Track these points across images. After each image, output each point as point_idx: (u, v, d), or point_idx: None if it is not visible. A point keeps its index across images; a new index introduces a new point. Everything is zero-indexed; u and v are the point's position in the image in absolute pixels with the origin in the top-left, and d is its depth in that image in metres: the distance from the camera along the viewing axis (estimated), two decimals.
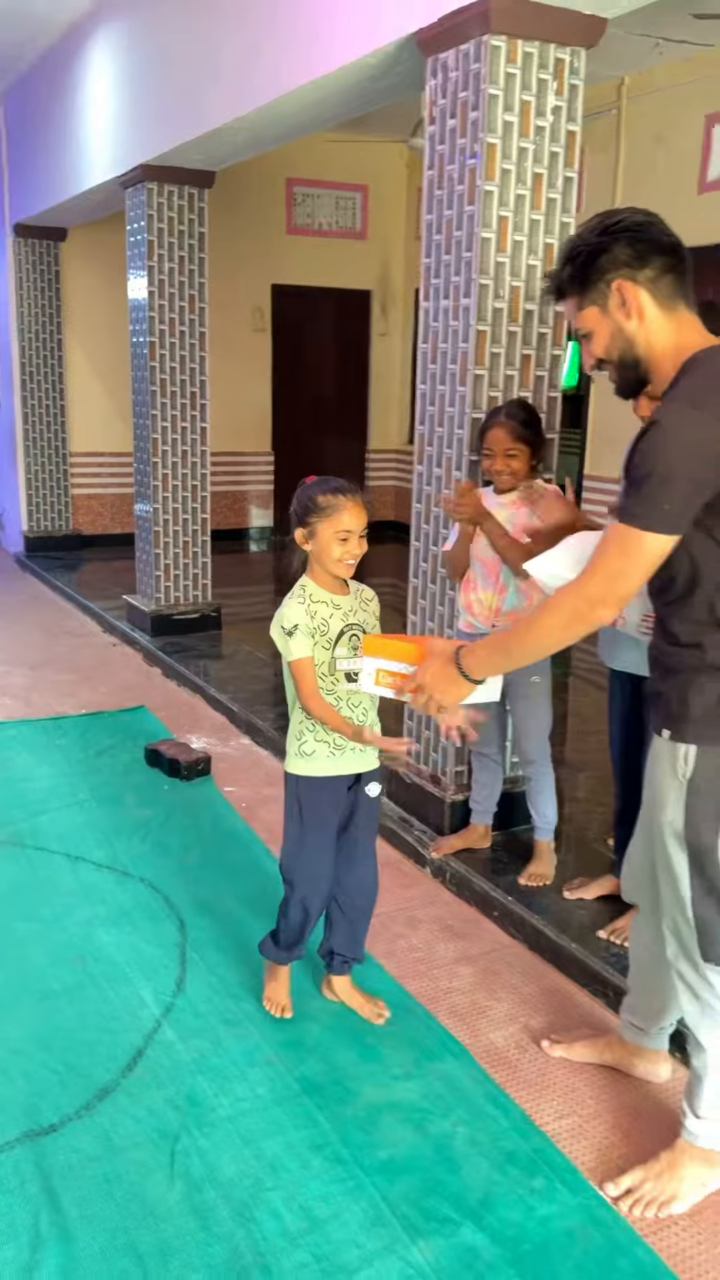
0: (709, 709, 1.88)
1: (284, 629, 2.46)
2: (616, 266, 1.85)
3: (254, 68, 4.39)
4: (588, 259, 1.87)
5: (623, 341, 1.90)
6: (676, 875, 1.98)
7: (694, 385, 1.78)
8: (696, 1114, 2.12)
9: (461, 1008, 2.82)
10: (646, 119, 6.99)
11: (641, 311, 1.86)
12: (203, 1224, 2.09)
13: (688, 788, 1.92)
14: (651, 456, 1.75)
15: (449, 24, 3.17)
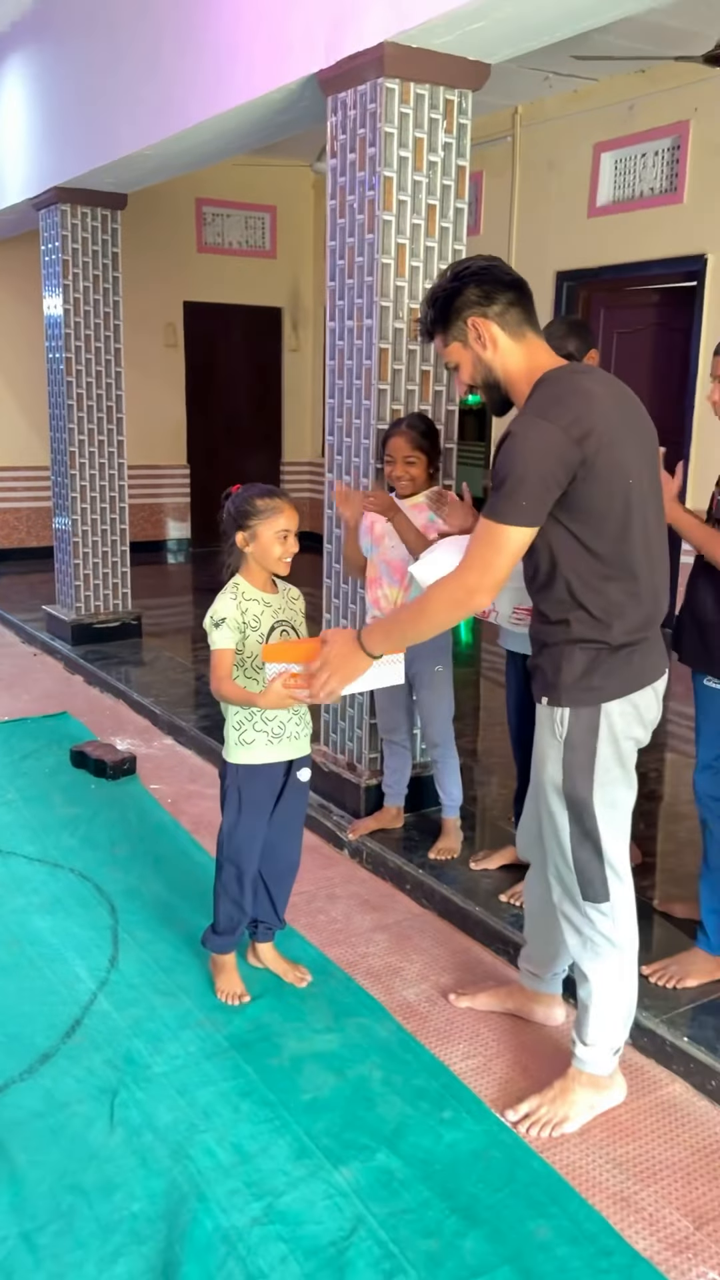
0: (577, 676, 2.17)
1: (213, 620, 2.68)
2: (469, 306, 2.15)
3: (164, 98, 4.61)
4: (445, 302, 2.17)
5: (483, 368, 2.20)
6: (558, 826, 2.26)
7: (542, 400, 2.08)
8: (584, 1041, 2.39)
9: (377, 970, 3.06)
10: (539, 146, 7.38)
11: (494, 341, 2.16)
12: (142, 1162, 2.29)
13: (564, 746, 2.20)
14: (508, 461, 2.04)
15: (347, 66, 3.44)
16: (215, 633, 2.67)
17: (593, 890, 2.27)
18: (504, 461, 2.05)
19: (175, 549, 9.81)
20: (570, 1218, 2.16)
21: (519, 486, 2.02)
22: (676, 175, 6.53)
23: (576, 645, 2.17)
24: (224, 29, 4.10)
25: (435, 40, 3.27)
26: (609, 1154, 2.35)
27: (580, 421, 2.04)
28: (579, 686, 2.18)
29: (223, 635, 2.67)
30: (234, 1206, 2.17)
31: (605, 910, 2.29)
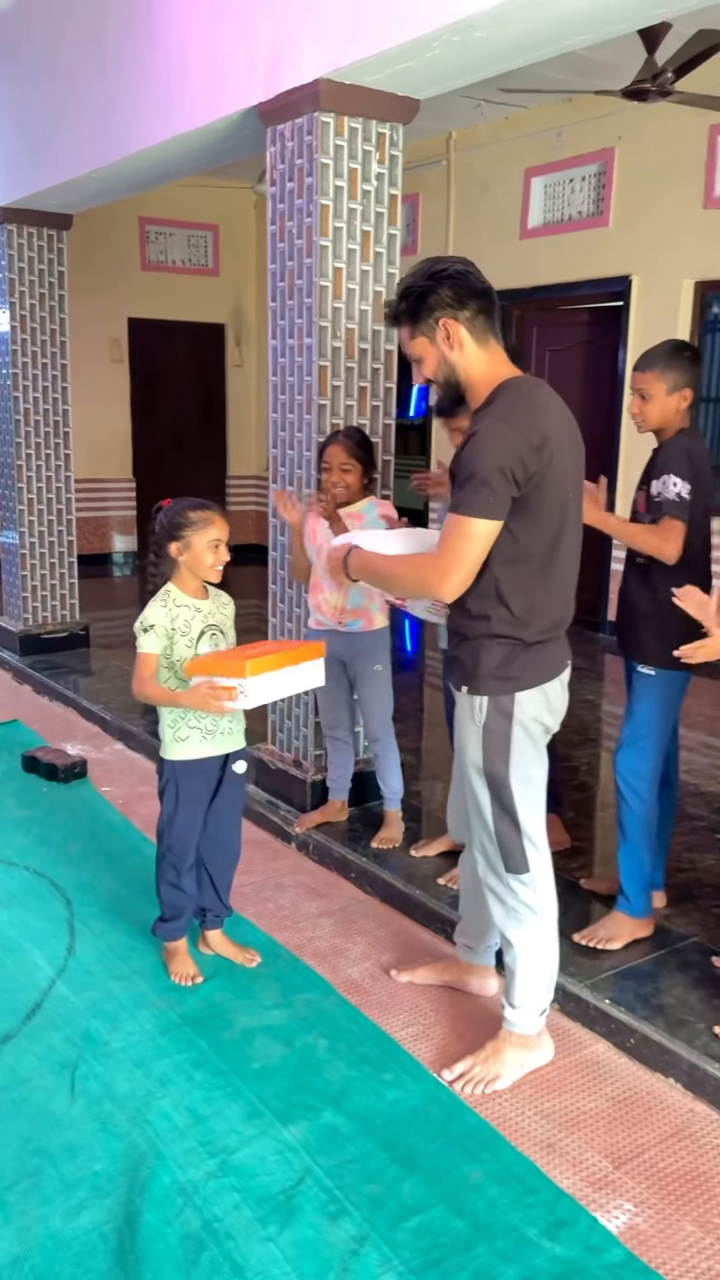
0: (494, 668, 2.38)
1: (142, 625, 2.85)
2: (442, 306, 2.32)
3: (109, 124, 4.79)
4: (419, 298, 2.34)
5: (446, 367, 2.38)
6: (480, 803, 2.46)
7: (505, 405, 2.28)
8: (513, 1004, 2.59)
9: (323, 951, 3.24)
10: (473, 170, 7.67)
11: (461, 344, 2.35)
12: (103, 1127, 2.44)
13: (483, 730, 2.41)
14: (474, 459, 2.23)
15: (285, 100, 3.64)
16: (142, 637, 2.85)
17: (514, 862, 2.47)
18: (470, 459, 2.23)
19: (121, 561, 9.91)
20: (500, 1162, 2.35)
21: (486, 482, 2.21)
22: (603, 200, 6.85)
23: (495, 640, 2.37)
24: (169, 59, 4.29)
25: (367, 77, 3.49)
26: (537, 1106, 2.55)
27: (538, 429, 2.26)
28: (495, 677, 2.38)
29: (149, 640, 2.84)
30: (190, 1163, 2.33)
31: (526, 880, 2.50)
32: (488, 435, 2.24)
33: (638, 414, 2.92)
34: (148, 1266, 2.05)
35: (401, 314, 2.38)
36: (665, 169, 6.41)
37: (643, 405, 2.93)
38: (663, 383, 2.89)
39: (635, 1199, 2.27)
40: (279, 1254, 2.09)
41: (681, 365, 2.90)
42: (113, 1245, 2.11)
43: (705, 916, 3.26)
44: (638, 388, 2.93)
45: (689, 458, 2.85)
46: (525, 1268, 2.08)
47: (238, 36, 3.85)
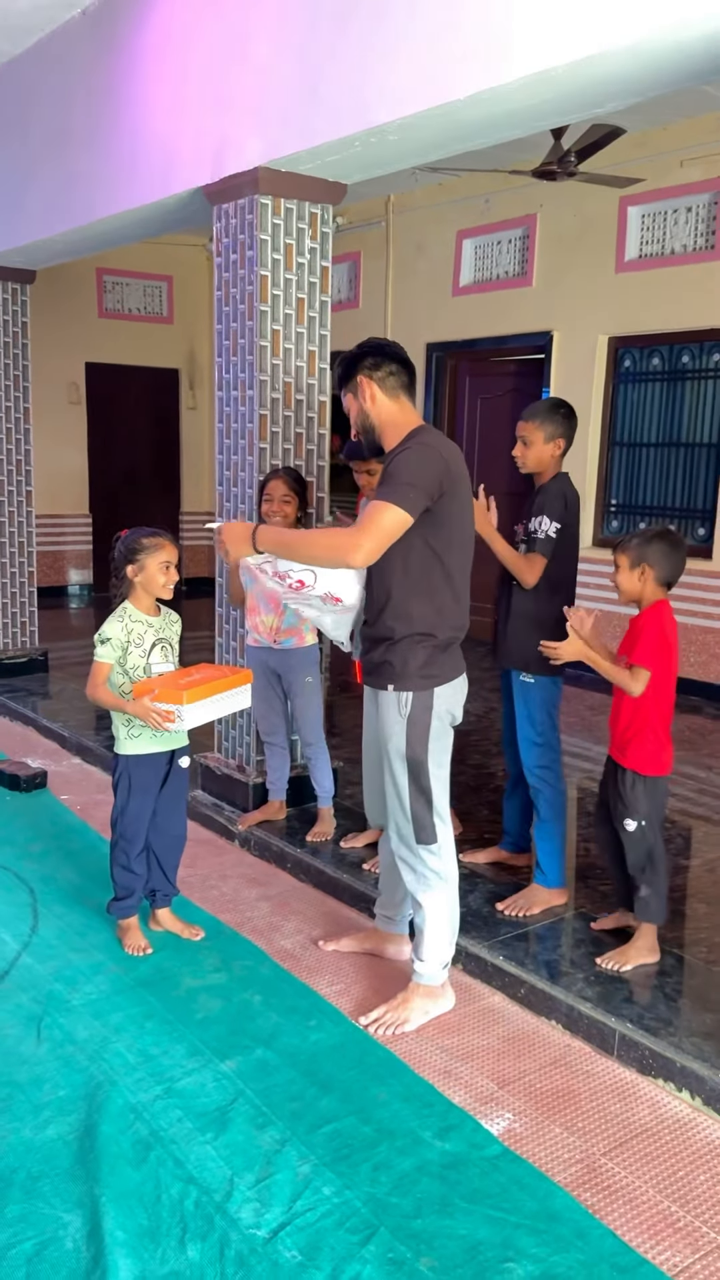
0: (418, 667, 2.87)
1: (100, 637, 3.30)
2: (362, 369, 2.89)
3: (70, 194, 5.28)
4: (347, 364, 2.91)
5: (363, 416, 2.93)
6: (400, 786, 2.93)
7: (425, 437, 2.84)
8: (421, 958, 3.05)
9: (260, 927, 3.67)
10: (409, 231, 8.28)
11: (374, 398, 2.90)
12: (64, 1064, 2.85)
13: (407, 721, 2.89)
14: (401, 464, 2.76)
15: (228, 184, 4.16)
16: (100, 648, 3.30)
17: (425, 834, 2.95)
18: (397, 465, 2.75)
19: (77, 593, 10.30)
20: (403, 1084, 2.79)
21: (409, 481, 2.72)
22: (527, 261, 7.47)
23: (417, 642, 2.86)
24: (127, 140, 4.81)
25: (301, 166, 4.02)
26: (438, 1044, 3.00)
27: (449, 457, 2.83)
28: (420, 675, 2.88)
29: (105, 651, 3.29)
30: (140, 1089, 2.74)
31: (435, 850, 2.97)
32: (414, 449, 2.79)
33: (519, 456, 3.49)
34: (105, 1162, 2.46)
35: (337, 380, 2.94)
36: (581, 235, 7.05)
37: (524, 450, 3.50)
38: (541, 432, 3.45)
39: (515, 1110, 2.72)
40: (214, 1153, 2.51)
41: (557, 420, 3.46)
42: (75, 1149, 2.52)
43: (592, 894, 3.74)
44: (520, 435, 3.50)
45: (564, 501, 3.43)
46: (418, 1159, 2.52)
47: (187, 126, 4.37)
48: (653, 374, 6.87)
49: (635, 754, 3.15)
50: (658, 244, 6.70)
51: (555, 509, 3.40)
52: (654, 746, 3.15)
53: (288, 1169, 2.46)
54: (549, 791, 3.54)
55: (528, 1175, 2.47)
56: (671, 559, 3.12)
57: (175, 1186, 2.40)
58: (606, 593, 6.94)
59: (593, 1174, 2.50)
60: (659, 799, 3.21)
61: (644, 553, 3.10)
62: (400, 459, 2.77)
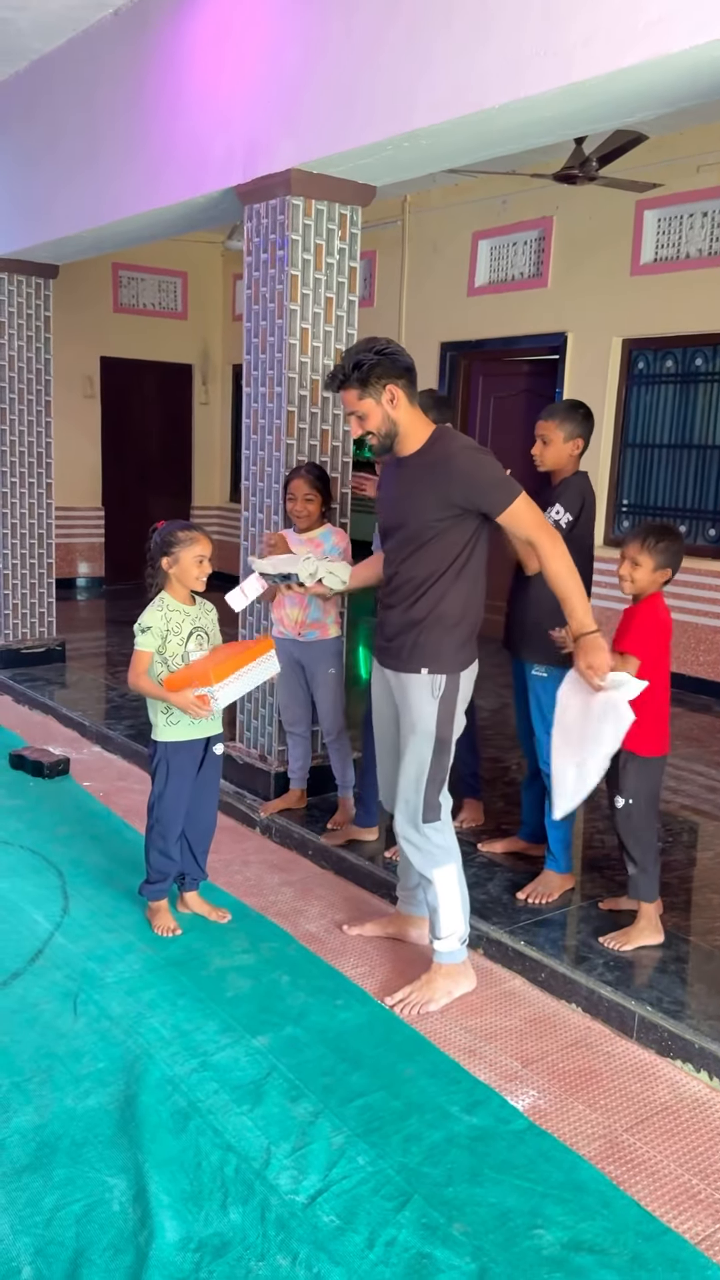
0: (453, 651, 3.01)
1: (140, 626, 3.39)
2: (388, 374, 2.95)
3: (100, 192, 5.37)
4: (369, 368, 2.95)
5: (389, 422, 3.00)
6: (423, 764, 3.04)
7: (463, 442, 2.98)
8: (439, 936, 3.15)
9: (285, 911, 3.77)
10: (425, 231, 8.36)
11: (400, 404, 2.98)
12: (101, 1038, 2.94)
13: (439, 702, 3.01)
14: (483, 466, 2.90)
15: (260, 184, 4.25)
16: (140, 636, 3.38)
17: (433, 814, 3.08)
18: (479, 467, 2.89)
19: (85, 586, 10.39)
20: (430, 1062, 2.89)
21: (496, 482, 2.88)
22: (542, 263, 7.56)
23: (454, 627, 3.00)
24: (158, 138, 4.89)
25: (332, 169, 4.11)
26: (462, 1024, 3.09)
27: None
28: (454, 658, 3.01)
29: (146, 640, 3.38)
30: (176, 1062, 2.84)
31: (438, 827, 3.10)
32: (476, 452, 2.94)
33: (538, 455, 3.61)
34: (146, 1130, 2.56)
35: (352, 380, 2.98)
36: (597, 238, 7.14)
37: (543, 449, 3.61)
38: (560, 431, 3.57)
39: (538, 1088, 2.82)
40: (250, 1124, 2.61)
41: (576, 419, 3.58)
42: (116, 1118, 2.61)
43: (608, 882, 3.84)
44: (540, 434, 3.62)
45: (581, 496, 3.55)
46: (447, 1132, 2.61)
47: (220, 126, 4.46)
48: (666, 376, 6.96)
49: (631, 735, 3.21)
50: (673, 248, 6.79)
51: (572, 502, 3.53)
52: (648, 728, 3.25)
53: (322, 1139, 2.56)
54: None
55: (553, 1148, 2.57)
56: (680, 558, 3.31)
57: (215, 1154, 2.49)
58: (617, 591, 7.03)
59: (615, 1148, 2.59)
60: (651, 780, 3.33)
61: (668, 558, 3.23)
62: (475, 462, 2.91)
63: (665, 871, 3.87)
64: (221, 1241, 2.23)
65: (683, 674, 6.81)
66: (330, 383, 3.05)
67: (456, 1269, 2.18)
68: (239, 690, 3.35)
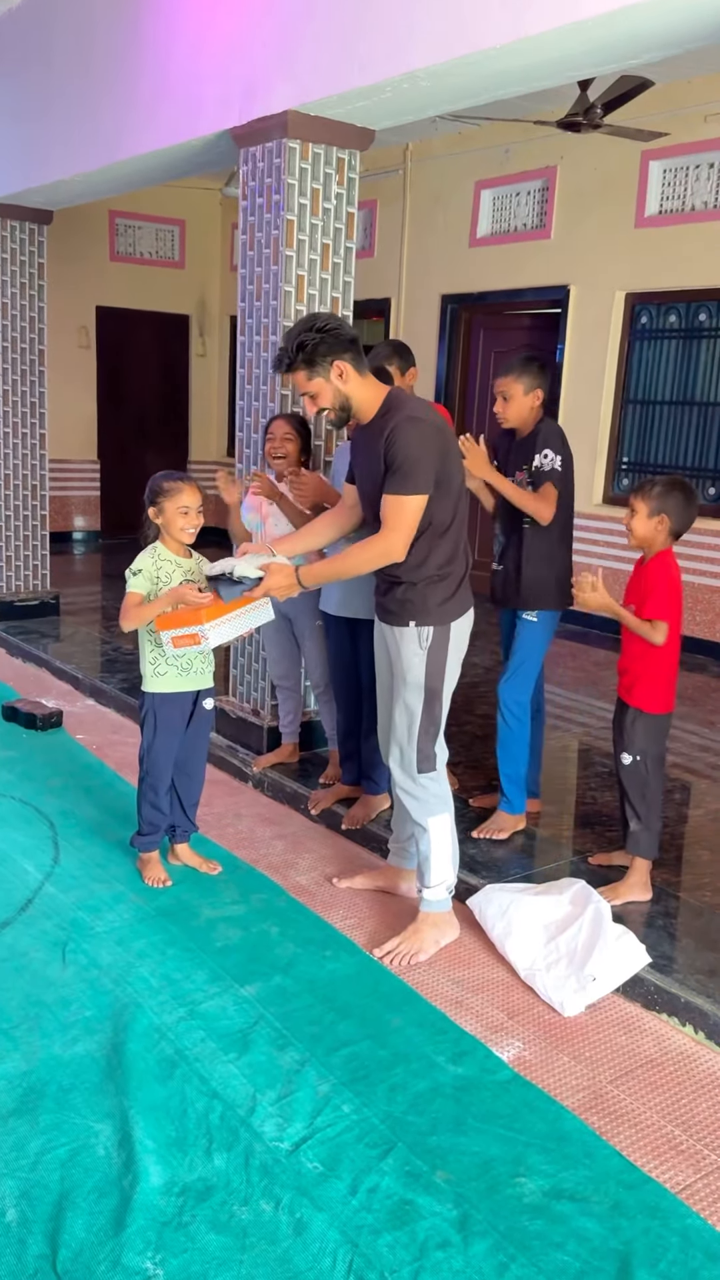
0: (439, 603, 3.01)
1: (131, 570, 3.36)
2: (332, 351, 2.92)
3: (94, 134, 5.25)
4: (312, 349, 2.91)
5: (341, 397, 2.97)
6: (414, 715, 3.04)
7: (409, 409, 2.94)
8: (428, 885, 3.16)
9: (276, 864, 3.77)
10: (427, 180, 8.21)
11: (348, 378, 2.95)
12: (90, 986, 2.95)
13: (427, 654, 3.01)
14: (404, 449, 2.85)
15: (256, 126, 4.15)
16: (131, 579, 3.36)
17: (428, 764, 3.09)
18: (400, 450, 2.85)
19: (83, 539, 10.33)
20: (417, 1012, 2.90)
21: (415, 466, 2.84)
22: (545, 214, 7.43)
23: (436, 581, 2.99)
24: (153, 79, 4.77)
25: (330, 111, 4.01)
26: (450, 976, 3.11)
27: (436, 421, 2.95)
28: (440, 611, 3.01)
29: (136, 582, 3.35)
30: (164, 1010, 2.85)
31: (435, 776, 3.11)
32: (409, 430, 2.88)
33: (500, 412, 3.64)
34: (132, 1077, 2.57)
35: (298, 362, 2.93)
36: (601, 189, 7.01)
37: (504, 405, 3.65)
38: (520, 384, 3.60)
39: (524, 1040, 2.83)
40: (236, 1071, 2.62)
41: (533, 371, 3.62)
42: (103, 1065, 2.63)
43: (599, 838, 3.85)
44: (500, 390, 3.64)
45: (561, 439, 3.59)
46: (433, 1082, 2.63)
47: (215, 67, 4.35)
48: (669, 331, 6.86)
49: (641, 693, 3.28)
50: (678, 200, 6.66)
51: (557, 445, 3.58)
52: (660, 686, 3.28)
53: (308, 1088, 2.57)
54: (516, 725, 3.75)
55: (537, 1099, 2.59)
56: (687, 512, 3.23)
57: (200, 1101, 2.51)
58: (618, 550, 7.00)
59: (599, 1100, 2.61)
60: (658, 737, 3.34)
61: (665, 503, 3.20)
62: (399, 445, 2.86)
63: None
64: (205, 1186, 2.25)
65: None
66: (277, 366, 3.02)
67: (438, 1215, 2.20)
68: (230, 633, 3.26)
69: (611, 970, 2.98)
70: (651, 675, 3.27)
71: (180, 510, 3.34)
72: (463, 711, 5.04)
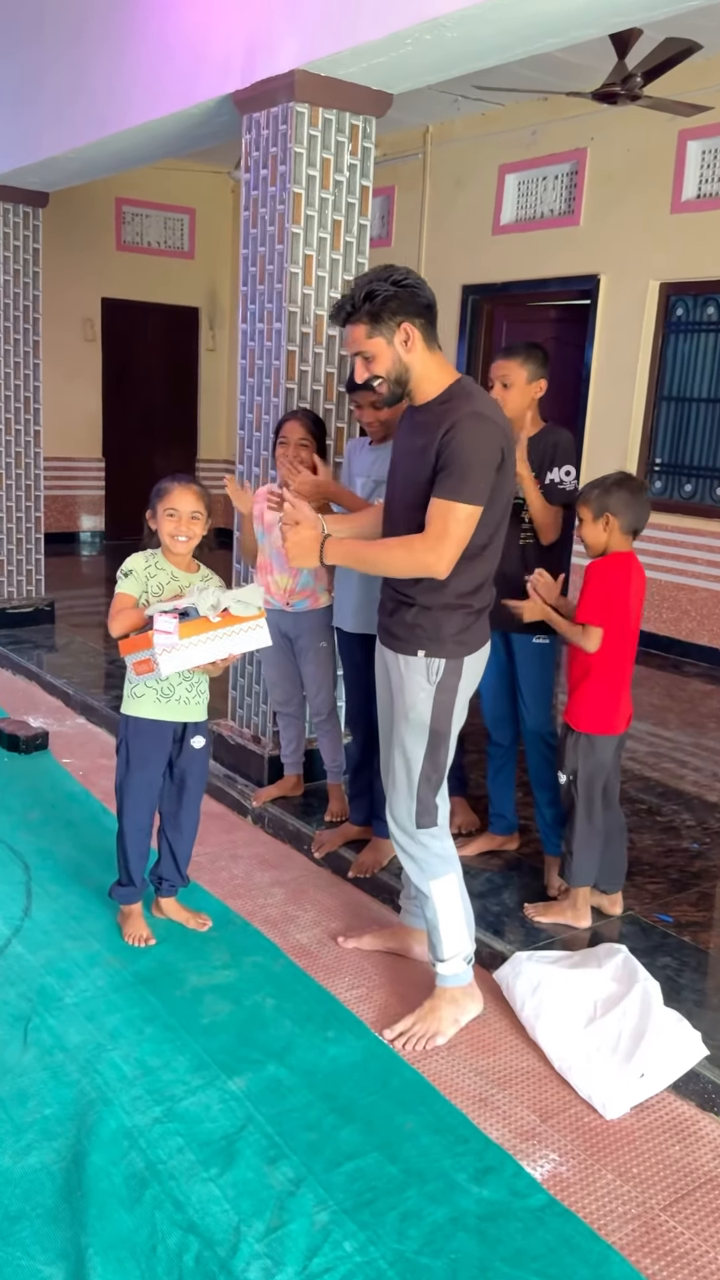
0: (454, 634, 2.56)
1: (122, 571, 2.95)
2: (404, 311, 2.46)
3: (89, 105, 4.83)
4: (383, 301, 2.45)
5: (401, 366, 2.51)
6: (412, 761, 2.62)
7: (477, 403, 2.47)
8: (441, 958, 2.72)
9: (274, 918, 3.34)
10: (448, 165, 7.76)
11: (415, 346, 2.49)
12: (53, 1076, 2.53)
13: (436, 690, 2.57)
14: (462, 449, 2.40)
15: (260, 89, 3.72)
16: (121, 580, 2.95)
17: (428, 818, 2.66)
18: (460, 448, 2.40)
19: (89, 541, 9.93)
20: (434, 1114, 2.47)
21: (471, 471, 2.40)
22: (574, 199, 6.97)
23: (456, 609, 2.55)
24: (147, 44, 4.35)
25: (342, 70, 3.57)
26: (472, 1064, 2.67)
27: (504, 424, 2.51)
28: (455, 641, 2.56)
29: (126, 583, 2.94)
30: (137, 1109, 2.43)
31: (435, 833, 2.68)
32: (472, 428, 2.42)
33: (499, 399, 3.17)
34: (93, 1202, 2.15)
35: (362, 313, 2.47)
36: (635, 171, 6.54)
37: (504, 393, 3.23)
38: (523, 371, 3.22)
39: (560, 1150, 2.40)
40: (219, 1193, 2.20)
41: (537, 360, 3.24)
42: (60, 1183, 2.21)
43: (640, 892, 3.40)
44: (499, 375, 3.24)
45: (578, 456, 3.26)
46: (452, 1209, 2.20)
47: (216, 24, 3.92)
48: (707, 324, 6.39)
49: (575, 708, 3.09)
50: (718, 182, 6.20)
51: (574, 459, 3.25)
52: (597, 704, 3.07)
53: (303, 1216, 2.15)
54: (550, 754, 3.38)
55: (578, 1233, 2.15)
56: (634, 506, 3.00)
57: (173, 1235, 2.09)
58: (643, 556, 6.55)
59: (651, 1233, 2.17)
60: (597, 759, 3.09)
61: (606, 502, 2.97)
62: (460, 443, 2.41)
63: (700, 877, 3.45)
64: None
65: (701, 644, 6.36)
66: (336, 314, 2.55)
67: None
68: (204, 655, 2.78)
69: (662, 1064, 2.54)
70: (589, 690, 3.06)
71: (166, 512, 2.91)
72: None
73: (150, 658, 2.73)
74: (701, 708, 5.56)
